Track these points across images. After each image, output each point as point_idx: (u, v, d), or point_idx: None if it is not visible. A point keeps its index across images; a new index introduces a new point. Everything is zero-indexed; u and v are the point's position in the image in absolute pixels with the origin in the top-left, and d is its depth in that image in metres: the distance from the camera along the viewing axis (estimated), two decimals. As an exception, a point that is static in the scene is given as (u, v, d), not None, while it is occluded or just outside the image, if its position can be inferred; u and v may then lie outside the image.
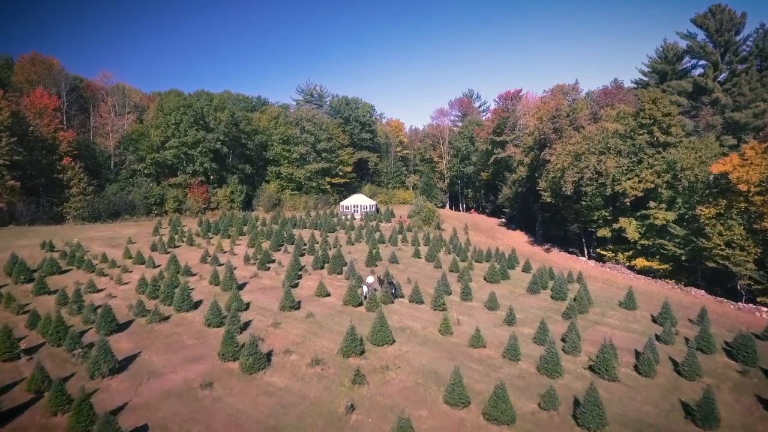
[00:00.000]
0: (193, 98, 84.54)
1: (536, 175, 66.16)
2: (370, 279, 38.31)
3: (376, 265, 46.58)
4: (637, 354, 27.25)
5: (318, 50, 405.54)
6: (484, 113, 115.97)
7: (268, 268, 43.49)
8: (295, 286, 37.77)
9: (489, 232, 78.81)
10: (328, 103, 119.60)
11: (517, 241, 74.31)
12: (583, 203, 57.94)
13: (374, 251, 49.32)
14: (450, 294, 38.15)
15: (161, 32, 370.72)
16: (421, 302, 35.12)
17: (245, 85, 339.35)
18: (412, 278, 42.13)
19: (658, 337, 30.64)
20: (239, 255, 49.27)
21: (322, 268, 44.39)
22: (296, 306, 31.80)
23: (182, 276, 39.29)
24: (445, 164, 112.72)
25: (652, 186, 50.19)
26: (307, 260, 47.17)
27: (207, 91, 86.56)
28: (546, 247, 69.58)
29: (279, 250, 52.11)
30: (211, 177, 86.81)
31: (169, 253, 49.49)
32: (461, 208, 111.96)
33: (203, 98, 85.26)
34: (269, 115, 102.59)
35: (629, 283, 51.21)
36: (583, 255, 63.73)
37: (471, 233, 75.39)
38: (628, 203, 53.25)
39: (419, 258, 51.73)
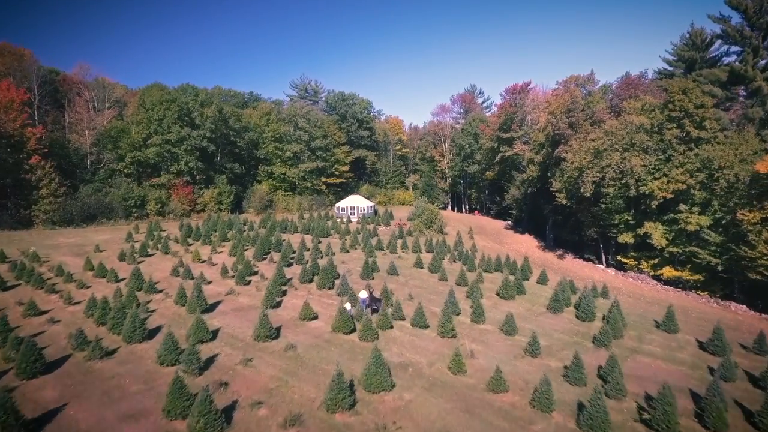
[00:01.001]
0: (178, 92, 78.81)
1: (549, 174, 60.62)
2: (363, 294, 32.91)
3: (373, 278, 40.96)
4: (695, 396, 21.85)
5: (313, 45, 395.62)
6: (488, 109, 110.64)
7: (249, 282, 37.81)
8: (277, 305, 32.16)
9: (495, 236, 73.21)
10: (323, 99, 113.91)
11: (527, 245, 68.73)
12: (603, 206, 52.37)
13: (371, 260, 43.74)
14: (459, 314, 32.58)
15: (149, 25, 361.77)
16: (426, 326, 29.51)
17: (237, 81, 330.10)
18: (414, 294, 36.58)
19: (712, 370, 25.27)
20: (218, 265, 43.67)
21: (311, 281, 38.74)
22: (274, 335, 26.10)
23: (146, 293, 33.66)
24: (447, 163, 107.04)
25: (684, 187, 44.56)
26: (294, 271, 41.57)
27: (192, 84, 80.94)
28: (558, 252, 63.97)
29: (264, 259, 46.43)
30: (197, 177, 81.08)
31: (140, 263, 43.98)
32: (464, 210, 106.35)
33: (188, 92, 79.53)
34: (261, 111, 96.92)
35: (658, 296, 45.78)
36: (600, 262, 58.15)
37: (476, 237, 69.81)
38: (655, 206, 47.64)
39: (421, 268, 46.08)
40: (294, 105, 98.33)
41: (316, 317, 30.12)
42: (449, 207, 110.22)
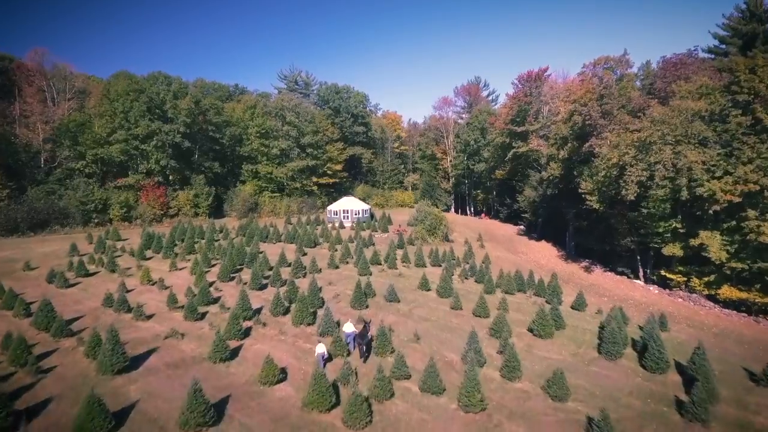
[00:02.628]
0: (147, 81, 69.63)
1: (574, 173, 51.74)
2: (348, 328, 24.54)
3: (367, 305, 31.92)
4: None
5: (304, 34, 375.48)
6: (494, 103, 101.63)
7: (202, 316, 28.72)
8: (232, 356, 23.09)
9: (508, 244, 64.30)
10: (315, 91, 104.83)
11: (545, 255, 59.85)
12: (644, 210, 43.45)
13: (365, 280, 34.72)
14: (484, 364, 23.67)
15: (122, 11, 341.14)
16: (441, 391, 20.57)
17: (221, 73, 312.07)
18: (421, 331, 27.62)
19: None
20: (174, 286, 34.67)
21: (286, 313, 29.65)
22: (211, 419, 17.00)
23: (54, 337, 24.51)
24: (450, 161, 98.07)
25: (756, 188, 35.64)
26: (267, 297, 32.54)
27: (165, 73, 71.67)
28: (583, 264, 55.07)
29: (233, 279, 37.32)
30: (171, 177, 71.88)
31: (72, 285, 34.93)
32: (469, 212, 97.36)
33: (160, 82, 70.25)
34: (245, 104, 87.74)
35: (723, 325, 36.91)
36: (637, 277, 49.28)
37: (487, 245, 60.84)
38: (714, 211, 38.75)
39: (428, 290, 37.00)
40: (282, 97, 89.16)
41: (283, 378, 21.10)
42: (453, 209, 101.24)
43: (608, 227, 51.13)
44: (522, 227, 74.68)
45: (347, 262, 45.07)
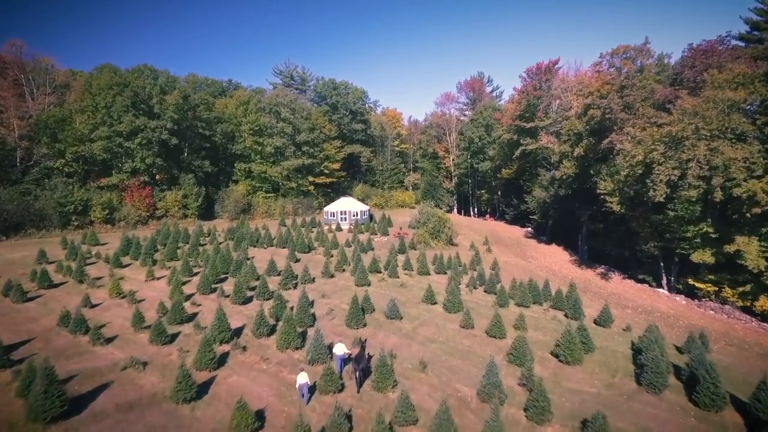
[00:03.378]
0: (131, 75, 65.42)
1: (591, 172, 47.63)
2: (340, 349, 21.22)
3: (365, 324, 27.83)
4: None
5: (301, 29, 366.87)
6: (499, 99, 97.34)
7: (172, 339, 24.62)
8: (199, 393, 18.98)
9: (516, 248, 60.23)
10: (311, 87, 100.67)
11: (557, 260, 55.79)
12: (670, 212, 39.37)
13: (363, 291, 30.64)
14: (504, 401, 19.68)
15: (111, 4, 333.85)
16: (456, 441, 16.50)
17: (215, 69, 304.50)
18: (428, 357, 23.68)
19: None
20: (147, 300, 30.74)
21: (271, 333, 25.59)
22: (158, 497, 12.94)
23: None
24: (453, 160, 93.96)
25: (804, 188, 31.64)
26: (251, 312, 28.44)
27: (151, 66, 67.44)
28: (599, 270, 51.02)
29: (214, 291, 33.17)
30: (157, 177, 67.75)
31: (31, 299, 30.87)
32: (472, 213, 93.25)
33: (145, 75, 66.09)
34: (237, 100, 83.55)
35: (766, 343, 32.88)
36: (660, 285, 45.21)
37: (494, 249, 56.82)
38: (752, 214, 34.68)
39: (433, 304, 32.88)
40: (277, 93, 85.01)
41: (260, 427, 17.02)
42: (455, 210, 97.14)
43: (628, 231, 47.07)
44: (530, 229, 70.62)
45: (343, 270, 40.96)
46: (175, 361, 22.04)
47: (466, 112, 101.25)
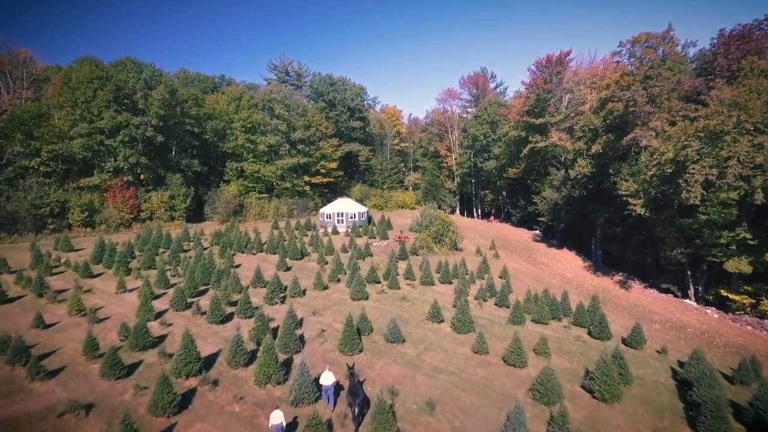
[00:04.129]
0: (114, 68, 61.33)
1: (610, 171, 43.55)
2: (328, 379, 18.01)
3: (361, 349, 23.82)
4: None
5: (298, 24, 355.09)
6: (503, 96, 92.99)
7: (130, 371, 20.56)
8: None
9: (525, 253, 56.23)
10: (308, 83, 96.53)
11: (570, 267, 51.80)
12: (702, 216, 35.37)
13: (359, 307, 26.68)
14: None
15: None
16: None
17: (208, 65, 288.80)
18: (436, 394, 19.75)
19: None
20: (112, 318, 26.81)
21: (250, 362, 21.58)
22: None
23: None
24: (455, 159, 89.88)
25: None
26: (229, 334, 24.38)
27: (134, 59, 63.25)
28: (617, 278, 47.05)
29: (190, 307, 29.09)
30: (142, 176, 63.65)
31: (-23, 318, 26.78)
32: (476, 214, 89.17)
33: (128, 68, 61.99)
34: (229, 95, 79.44)
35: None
36: (686, 296, 41.23)
37: (502, 254, 52.84)
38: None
39: (440, 322, 28.85)
40: (270, 88, 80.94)
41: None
42: (458, 211, 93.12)
43: (650, 235, 43.09)
44: (538, 232, 66.58)
45: (338, 280, 36.90)
46: (130, 400, 18.06)
47: (469, 109, 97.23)
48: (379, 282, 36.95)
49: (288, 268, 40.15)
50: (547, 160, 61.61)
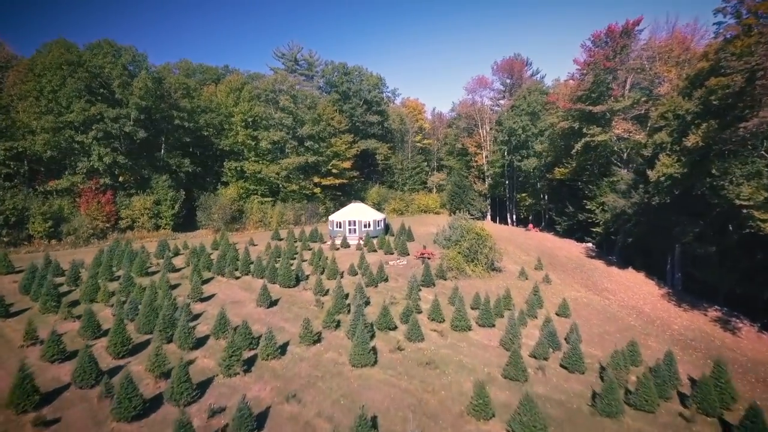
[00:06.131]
0: (88, 53, 52.51)
1: (713, 171, 31.73)
2: None
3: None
4: None
5: (309, 10, 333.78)
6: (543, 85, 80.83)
7: None
8: None
9: (581, 274, 44.78)
10: (320, 73, 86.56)
11: (642, 294, 40.18)
12: None
13: (362, 369, 16.22)
14: None
15: None
16: None
17: (211, 55, 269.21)
18: None
19: None
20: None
21: None
22: None
23: None
24: (486, 156, 78.51)
25: None
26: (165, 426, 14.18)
27: (112, 41, 54.20)
28: (712, 313, 35.28)
29: (137, 353, 19.04)
30: (121, 178, 54.70)
31: None
32: (509, 221, 77.50)
33: (105, 52, 53.04)
34: (228, 86, 70.06)
35: None
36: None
37: (553, 277, 41.59)
38: None
39: (488, 418, 18.01)
40: (274, 77, 71.28)
41: None
42: (488, 217, 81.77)
43: (765, 260, 31.32)
44: (591, 246, 54.85)
45: (337, 325, 26.42)
46: None
47: (501, 101, 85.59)
48: (394, 328, 26.38)
49: (273, 303, 29.99)
50: (605, 157, 49.86)
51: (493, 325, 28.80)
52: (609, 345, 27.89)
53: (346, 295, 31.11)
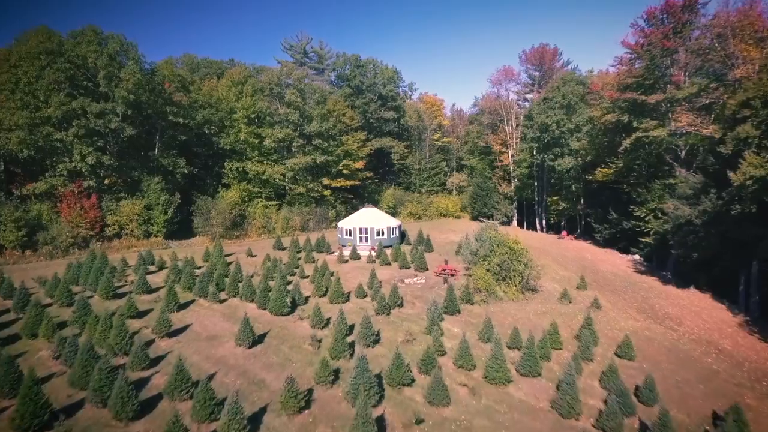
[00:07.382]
0: (70, 41, 47.33)
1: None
2: None
3: None
4: None
5: (320, 0, 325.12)
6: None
7: None
8: None
9: (633, 295, 37.54)
10: (331, 66, 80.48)
11: (713, 323, 32.84)
12: None
13: None
14: None
15: None
16: None
17: (216, 49, 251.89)
18: None
19: None
20: None
21: None
22: None
23: None
24: (513, 155, 71.35)
25: None
26: None
27: (97, 28, 48.82)
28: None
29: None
30: (107, 180, 49.41)
31: None
32: (539, 227, 70.03)
33: (88, 39, 47.76)
34: (230, 79, 64.43)
35: None
36: None
37: (602, 300, 34.40)
38: None
39: None
40: (280, 69, 65.43)
41: None
42: (514, 221, 74.52)
43: None
44: (638, 258, 47.42)
45: (335, 379, 20.01)
46: None
47: (528, 95, 78.22)
48: (411, 383, 19.88)
49: (257, 340, 23.76)
50: (657, 156, 42.34)
51: (539, 374, 22.09)
52: (693, 403, 21.05)
53: (351, 328, 24.84)
